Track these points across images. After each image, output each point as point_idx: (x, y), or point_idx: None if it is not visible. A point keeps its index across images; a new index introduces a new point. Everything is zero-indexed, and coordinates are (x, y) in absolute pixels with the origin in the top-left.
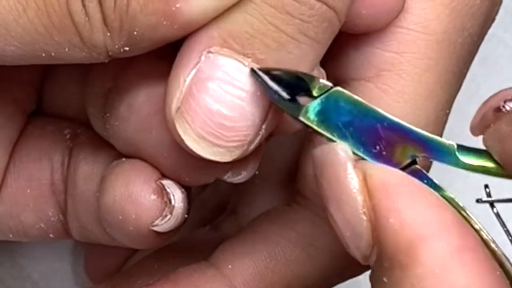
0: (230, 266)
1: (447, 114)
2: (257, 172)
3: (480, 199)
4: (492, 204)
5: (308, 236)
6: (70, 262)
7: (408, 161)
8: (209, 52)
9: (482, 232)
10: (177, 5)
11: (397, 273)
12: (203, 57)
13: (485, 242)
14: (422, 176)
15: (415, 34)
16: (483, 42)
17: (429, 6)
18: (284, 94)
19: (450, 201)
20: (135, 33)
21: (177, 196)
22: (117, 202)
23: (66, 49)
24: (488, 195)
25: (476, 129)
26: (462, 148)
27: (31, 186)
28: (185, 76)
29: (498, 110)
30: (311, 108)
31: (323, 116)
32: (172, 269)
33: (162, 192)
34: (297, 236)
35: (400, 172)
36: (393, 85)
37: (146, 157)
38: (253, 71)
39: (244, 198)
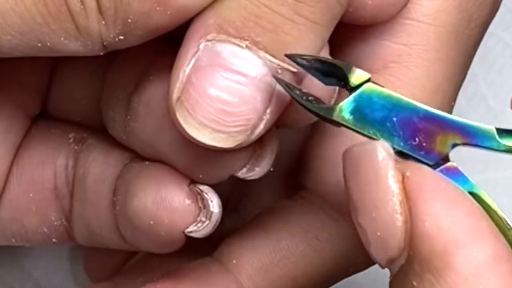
0: (234, 261)
1: (452, 107)
2: (271, 169)
3: None
4: None
5: (312, 231)
6: (70, 260)
7: (450, 150)
8: (207, 40)
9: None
10: None
11: (429, 277)
12: (201, 46)
13: None
14: (457, 174)
15: (424, 26)
16: (482, 41)
17: None
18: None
19: (485, 199)
20: (129, 20)
21: (215, 202)
22: (148, 207)
23: (62, 39)
24: None
25: None
26: (502, 131)
27: (34, 190)
28: (184, 66)
29: None
30: (345, 107)
31: (358, 114)
32: (174, 266)
33: (196, 197)
34: (302, 231)
35: (438, 174)
36: (402, 77)
37: (162, 157)
38: (276, 78)
39: (246, 194)
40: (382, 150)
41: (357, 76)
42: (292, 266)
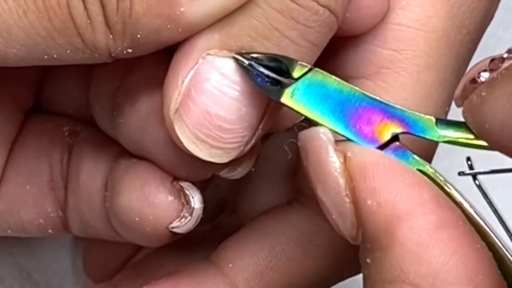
0: (230, 265)
1: (446, 112)
2: (253, 169)
3: (463, 172)
4: (474, 176)
5: (308, 234)
6: (70, 261)
7: (389, 138)
8: (207, 54)
9: (464, 205)
10: (181, 9)
11: (378, 254)
12: (201, 59)
13: (468, 215)
14: (404, 152)
15: (414, 31)
16: (482, 41)
17: (427, 3)
18: (268, 73)
19: (432, 176)
20: (138, 36)
21: (196, 198)
22: (133, 204)
23: (68, 51)
24: (470, 167)
25: (459, 100)
26: (442, 121)
27: (30, 182)
28: (183, 77)
29: (474, 81)
30: (292, 91)
31: (304, 97)
32: (173, 268)
33: (179, 194)
34: (298, 234)
35: (378, 151)
36: (392, 82)
37: (147, 154)
38: (234, 58)
39: (244, 197)
40: (322, 136)
41: (298, 68)
42: (287, 270)
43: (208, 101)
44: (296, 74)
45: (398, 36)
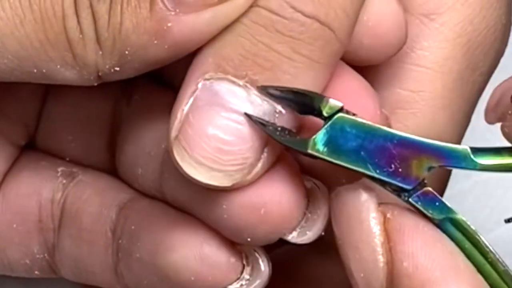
0: None
1: None
2: (323, 233)
3: (510, 219)
4: None
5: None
6: None
7: (426, 173)
8: (205, 79)
9: (491, 254)
10: (169, 24)
11: None
12: (199, 85)
13: (494, 264)
14: (434, 199)
15: (432, 73)
16: None
17: (447, 46)
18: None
19: (462, 224)
20: (126, 52)
21: (261, 260)
22: (191, 262)
23: (58, 66)
24: None
25: (492, 117)
26: (477, 150)
27: (18, 221)
28: (183, 106)
29: None
30: (318, 140)
31: (332, 145)
32: None
33: (241, 255)
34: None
35: (417, 215)
36: (408, 123)
37: (205, 218)
38: (248, 115)
39: None
40: (364, 193)
41: (330, 105)
42: None
43: (206, 123)
44: (326, 112)
45: (416, 77)
